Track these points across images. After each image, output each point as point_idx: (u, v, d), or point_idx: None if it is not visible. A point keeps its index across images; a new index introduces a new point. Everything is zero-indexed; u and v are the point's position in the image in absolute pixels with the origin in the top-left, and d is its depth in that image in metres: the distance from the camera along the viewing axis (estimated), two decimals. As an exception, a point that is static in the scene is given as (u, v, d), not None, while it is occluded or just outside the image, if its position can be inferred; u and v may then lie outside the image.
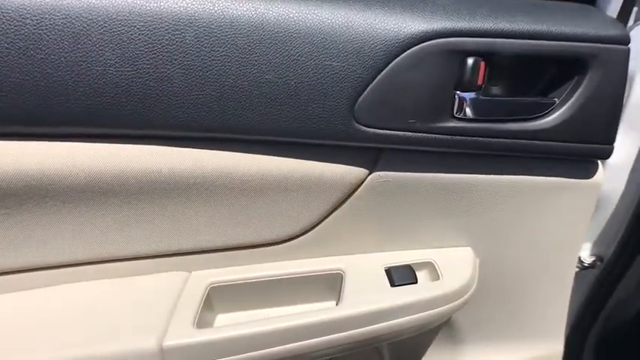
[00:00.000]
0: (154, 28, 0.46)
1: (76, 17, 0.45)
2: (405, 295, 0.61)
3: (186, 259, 0.61)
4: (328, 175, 0.57)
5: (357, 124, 0.53)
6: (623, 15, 0.66)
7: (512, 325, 0.79)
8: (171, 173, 0.53)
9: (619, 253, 0.91)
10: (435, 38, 0.51)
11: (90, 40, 0.45)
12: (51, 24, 0.44)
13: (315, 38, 0.49)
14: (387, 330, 0.60)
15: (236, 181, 0.56)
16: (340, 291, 0.62)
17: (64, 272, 0.58)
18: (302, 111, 0.52)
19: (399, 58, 0.50)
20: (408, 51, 0.50)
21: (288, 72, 0.50)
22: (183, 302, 0.58)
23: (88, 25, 0.45)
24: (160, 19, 0.46)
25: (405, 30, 0.50)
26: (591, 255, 0.91)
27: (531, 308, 0.78)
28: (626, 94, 0.63)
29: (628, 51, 0.55)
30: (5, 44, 0.44)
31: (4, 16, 0.44)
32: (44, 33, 0.45)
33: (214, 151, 0.54)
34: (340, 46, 0.50)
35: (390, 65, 0.51)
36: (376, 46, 0.50)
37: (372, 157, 0.58)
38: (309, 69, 0.50)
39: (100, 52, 0.46)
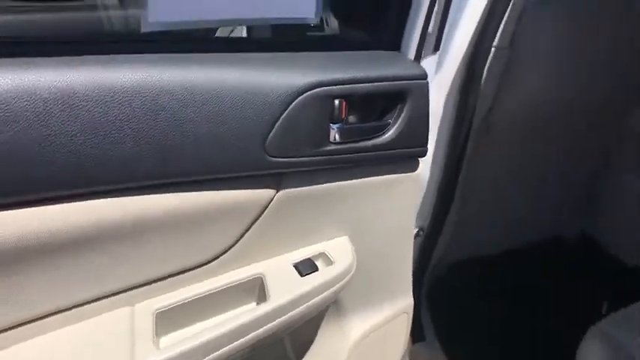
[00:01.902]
0: (107, 101, 0.55)
1: (40, 99, 0.51)
2: (311, 281, 0.79)
3: (127, 294, 0.68)
4: (245, 199, 0.72)
5: (267, 157, 0.69)
6: (418, 56, 0.94)
7: (379, 291, 1.03)
8: (119, 221, 0.61)
9: (432, 225, 1.24)
10: (314, 88, 0.70)
11: (53, 116, 0.52)
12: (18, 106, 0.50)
13: (233, 94, 0.64)
14: (302, 312, 0.77)
15: (170, 217, 0.66)
16: (264, 290, 0.76)
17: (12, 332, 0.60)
18: (227, 151, 0.65)
19: (293, 103, 0.68)
20: (298, 98, 0.69)
21: (216, 123, 0.63)
22: (138, 332, 0.65)
23: (51, 104, 0.52)
24: (113, 92, 0.55)
25: (295, 83, 0.68)
26: (416, 227, 1.21)
27: (389, 276, 1.03)
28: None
29: (427, 84, 0.82)
30: None
31: None
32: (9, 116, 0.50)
33: (155, 195, 0.64)
34: (252, 98, 0.65)
35: (287, 109, 0.68)
36: (278, 96, 0.67)
37: (278, 180, 0.75)
38: (231, 119, 0.64)
39: (62, 126, 0.53)
